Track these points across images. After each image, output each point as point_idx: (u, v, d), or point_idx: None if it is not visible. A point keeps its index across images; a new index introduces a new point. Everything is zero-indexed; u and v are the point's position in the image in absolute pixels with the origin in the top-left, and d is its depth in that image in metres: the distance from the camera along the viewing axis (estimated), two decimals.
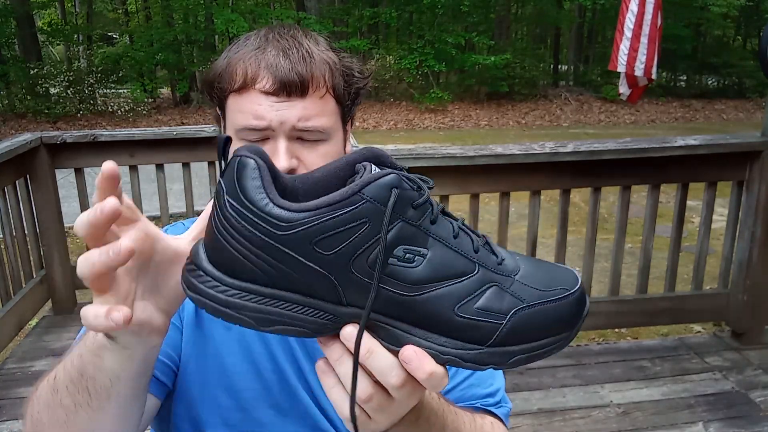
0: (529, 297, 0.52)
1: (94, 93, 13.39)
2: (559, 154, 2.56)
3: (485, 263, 0.53)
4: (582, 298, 0.55)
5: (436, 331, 0.51)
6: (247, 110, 0.76)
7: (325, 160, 0.76)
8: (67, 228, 3.32)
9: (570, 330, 0.55)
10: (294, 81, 0.74)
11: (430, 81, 14.85)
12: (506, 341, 0.52)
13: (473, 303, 0.51)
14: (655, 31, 4.22)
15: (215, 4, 13.99)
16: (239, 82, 0.76)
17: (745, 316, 2.87)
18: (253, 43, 0.78)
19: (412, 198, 0.50)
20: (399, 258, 0.49)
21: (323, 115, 0.77)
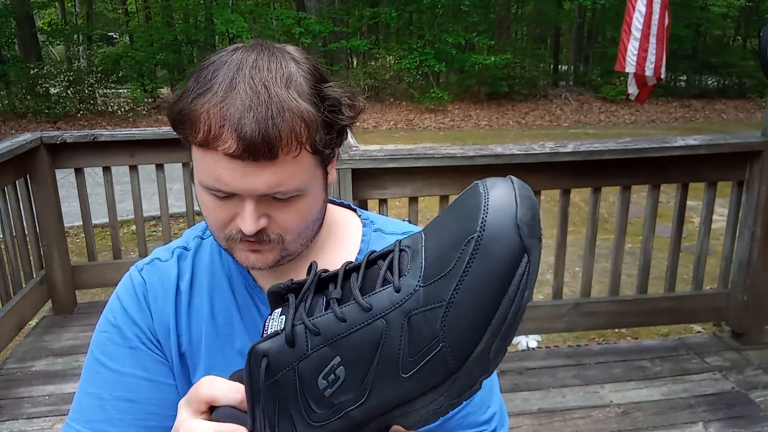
0: (443, 294, 0.45)
1: (94, 93, 13.39)
2: (559, 154, 2.56)
3: (385, 309, 0.47)
4: (496, 213, 0.44)
5: (412, 400, 0.48)
6: (210, 171, 0.67)
7: (300, 216, 0.72)
8: (67, 228, 3.33)
9: (523, 253, 0.44)
10: (260, 145, 0.63)
11: (430, 81, 14.85)
12: (464, 352, 0.46)
13: (406, 356, 0.46)
14: (662, 31, 4.22)
15: (215, 4, 13.99)
16: (201, 137, 0.65)
17: (745, 316, 2.87)
18: (221, 84, 0.66)
19: (282, 343, 0.49)
20: (327, 386, 0.48)
21: (297, 176, 0.68)
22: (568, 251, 2.90)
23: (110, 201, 3.28)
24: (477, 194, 0.46)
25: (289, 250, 0.75)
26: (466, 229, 0.45)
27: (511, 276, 0.44)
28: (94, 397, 0.77)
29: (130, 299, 0.81)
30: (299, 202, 0.71)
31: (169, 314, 0.81)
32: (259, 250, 0.73)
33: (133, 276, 0.84)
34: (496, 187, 0.46)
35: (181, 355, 0.81)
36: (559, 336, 3.54)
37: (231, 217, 0.70)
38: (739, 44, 19.09)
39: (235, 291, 0.83)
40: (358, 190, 2.41)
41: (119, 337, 0.79)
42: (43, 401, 2.50)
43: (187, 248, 0.86)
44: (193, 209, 3.44)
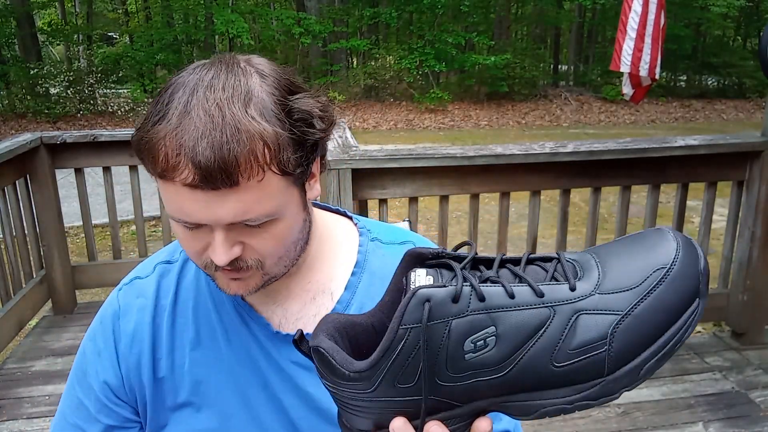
0: (622, 304, 0.49)
1: (94, 93, 13.39)
2: (559, 154, 2.56)
3: (557, 300, 0.51)
4: (686, 259, 0.50)
5: (552, 387, 0.51)
6: (173, 202, 0.64)
7: (277, 241, 0.68)
8: (67, 228, 3.33)
9: (696, 297, 0.50)
10: (218, 172, 0.59)
11: (430, 81, 14.85)
12: (622, 361, 0.50)
13: (566, 346, 0.50)
14: (658, 31, 4.22)
15: (215, 4, 13.99)
16: (159, 169, 0.62)
17: (745, 316, 2.87)
18: (175, 109, 0.62)
19: (448, 295, 0.50)
20: (472, 350, 0.50)
21: (265, 201, 0.64)
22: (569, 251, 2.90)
23: (110, 201, 3.28)
24: (666, 237, 0.53)
25: (272, 273, 0.71)
26: (657, 260, 0.51)
27: (683, 311, 0.50)
28: (62, 413, 0.82)
29: (102, 329, 0.81)
30: (274, 226, 0.67)
31: (144, 339, 0.79)
32: (239, 277, 0.69)
33: (111, 301, 0.83)
34: (685, 239, 0.53)
35: (160, 379, 0.79)
36: None
37: (204, 246, 0.67)
38: (739, 44, 19.09)
39: (221, 312, 0.79)
40: (358, 190, 2.41)
41: (85, 367, 0.81)
42: (43, 401, 2.50)
43: (171, 261, 0.82)
44: None
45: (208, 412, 0.78)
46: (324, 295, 0.79)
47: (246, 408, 0.77)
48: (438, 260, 0.55)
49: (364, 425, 0.56)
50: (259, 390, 0.77)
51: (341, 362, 0.53)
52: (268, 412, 0.77)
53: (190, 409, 0.78)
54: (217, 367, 0.78)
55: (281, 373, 0.77)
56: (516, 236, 4.84)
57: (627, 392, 0.52)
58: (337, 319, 0.58)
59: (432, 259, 0.56)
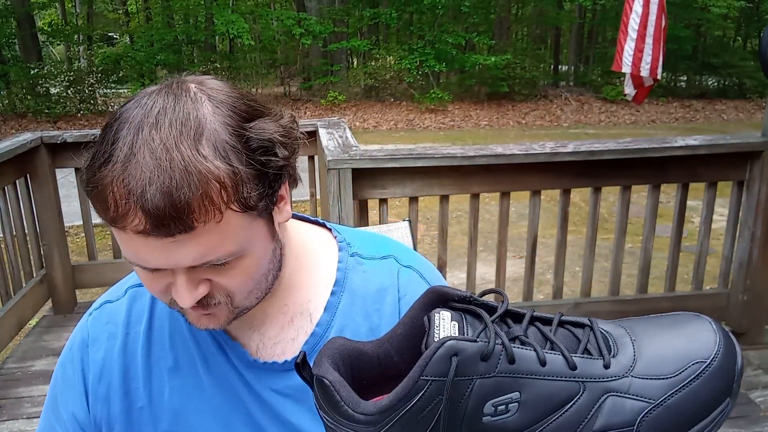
0: (655, 393, 0.48)
1: (94, 93, 13.39)
2: (559, 154, 2.56)
3: (589, 376, 0.48)
4: (725, 357, 0.49)
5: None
6: (129, 249, 0.60)
7: (245, 277, 0.64)
8: (67, 228, 3.32)
9: (728, 396, 0.49)
10: (170, 219, 0.55)
11: (430, 81, 14.85)
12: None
13: (590, 427, 0.48)
14: (659, 32, 4.22)
15: (215, 4, 14.00)
16: (109, 217, 0.58)
17: (745, 316, 2.87)
18: (121, 150, 0.56)
19: (478, 352, 0.47)
20: (491, 414, 0.48)
21: (227, 241, 0.59)
22: (568, 251, 2.90)
23: None
24: (708, 327, 0.51)
25: (242, 306, 0.68)
26: (697, 353, 0.49)
27: (713, 409, 0.48)
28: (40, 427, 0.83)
29: (71, 367, 0.79)
30: (240, 263, 0.63)
31: (114, 369, 0.76)
32: (208, 313, 0.66)
33: (81, 328, 0.80)
34: (725, 333, 0.51)
35: (139, 409, 0.75)
36: None
37: (166, 286, 0.63)
38: (739, 45, 19.09)
39: (198, 338, 0.76)
40: (358, 190, 2.41)
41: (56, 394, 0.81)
42: (43, 401, 2.48)
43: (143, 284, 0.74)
44: None
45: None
46: (302, 317, 0.75)
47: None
48: (464, 304, 0.52)
49: None
50: (241, 418, 0.74)
51: (347, 400, 0.50)
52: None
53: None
54: (198, 395, 0.75)
55: (261, 402, 0.74)
56: (516, 236, 4.84)
57: None
58: (344, 345, 0.55)
59: (457, 302, 0.52)
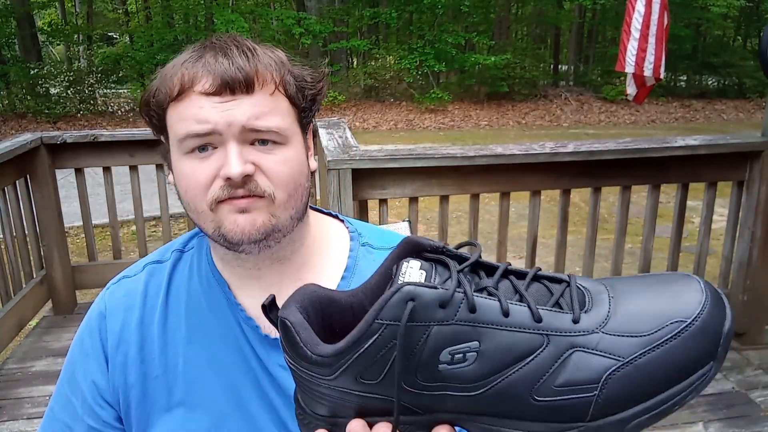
0: (625, 351, 0.45)
1: (94, 93, 13.39)
2: (559, 154, 2.56)
3: (556, 329, 0.46)
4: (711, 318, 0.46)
5: (524, 419, 0.47)
6: (188, 116, 0.67)
7: (287, 167, 0.70)
8: (67, 228, 3.33)
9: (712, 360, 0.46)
10: (237, 76, 0.66)
11: (430, 81, 14.85)
12: (609, 410, 0.46)
13: (551, 381, 0.46)
14: (662, 31, 4.23)
15: (215, 4, 13.99)
16: (176, 88, 0.67)
17: (745, 316, 2.87)
18: (189, 53, 0.70)
19: (436, 299, 0.46)
20: (448, 362, 0.47)
21: (276, 113, 0.69)
22: (568, 251, 2.90)
23: (110, 201, 3.28)
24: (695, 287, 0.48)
25: (278, 217, 0.71)
26: (677, 311, 0.46)
27: (692, 372, 0.46)
28: (52, 409, 0.84)
29: (89, 338, 0.82)
30: (282, 150, 0.70)
31: (132, 339, 0.79)
32: (247, 209, 0.69)
33: (98, 301, 0.83)
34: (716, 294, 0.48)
35: (154, 378, 0.78)
36: None
37: (213, 173, 0.68)
38: (739, 44, 19.09)
39: (214, 311, 0.79)
40: (358, 190, 2.41)
41: (73, 367, 0.83)
42: (43, 401, 2.50)
43: (161, 261, 0.82)
44: None
45: (202, 411, 0.77)
46: None
47: (239, 407, 0.77)
48: (437, 255, 0.51)
49: (319, 410, 0.53)
50: (252, 389, 0.77)
51: (306, 341, 0.50)
52: (260, 411, 0.77)
53: (183, 409, 0.77)
54: (211, 366, 0.77)
55: (269, 375, 0.77)
56: (516, 236, 4.84)
57: None
58: (316, 291, 0.55)
59: (430, 252, 0.51)
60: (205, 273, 0.80)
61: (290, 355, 0.52)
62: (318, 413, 0.53)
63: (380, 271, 0.56)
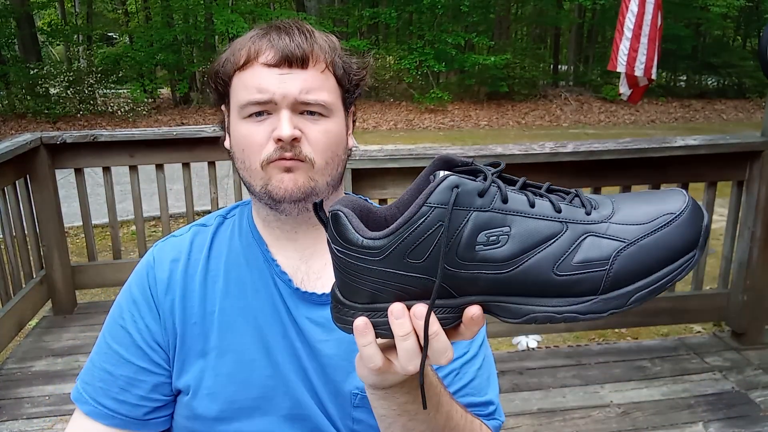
0: (629, 235, 0.54)
1: (94, 93, 13.39)
2: (559, 154, 2.56)
3: (572, 219, 0.55)
4: (693, 213, 0.55)
5: (546, 295, 0.55)
6: (251, 84, 0.79)
7: (328, 137, 0.81)
8: (67, 228, 3.33)
9: (694, 248, 0.55)
10: (295, 53, 0.78)
11: (430, 81, 14.85)
12: (618, 284, 0.54)
13: (570, 259, 0.54)
14: (655, 32, 4.22)
15: (215, 4, 13.99)
16: (243, 58, 0.79)
17: (745, 316, 2.87)
18: (255, 31, 0.82)
19: (476, 188, 0.54)
20: (484, 243, 0.54)
21: (324, 89, 0.80)
22: None
23: (110, 201, 3.28)
24: (679, 193, 0.58)
25: (316, 180, 0.81)
26: (667, 208, 0.56)
27: (681, 255, 0.55)
28: (91, 362, 0.88)
29: (137, 279, 0.89)
30: (325, 122, 0.81)
31: (177, 287, 0.86)
32: (291, 168, 0.79)
33: (147, 255, 0.91)
34: (695, 201, 0.58)
35: (193, 324, 0.85)
36: (559, 336, 3.54)
37: (268, 135, 0.79)
38: (738, 44, 19.10)
39: (250, 265, 0.87)
40: (358, 190, 2.41)
41: (118, 315, 0.87)
42: (43, 401, 2.50)
43: (205, 225, 0.92)
44: (192, 209, 3.44)
45: (231, 355, 0.84)
46: None
47: (266, 353, 0.84)
48: (467, 168, 0.58)
49: (360, 298, 0.58)
50: (279, 337, 0.85)
51: (357, 227, 0.56)
52: (285, 357, 0.84)
53: (215, 353, 0.85)
54: (243, 316, 0.85)
55: (297, 327, 0.85)
56: None
57: (625, 392, 0.52)
58: (355, 201, 0.60)
59: (461, 167, 0.59)
60: (245, 233, 0.89)
61: (341, 242, 0.56)
62: (358, 302, 0.58)
63: (413, 188, 0.61)
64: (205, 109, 14.05)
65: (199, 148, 3.23)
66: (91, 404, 0.84)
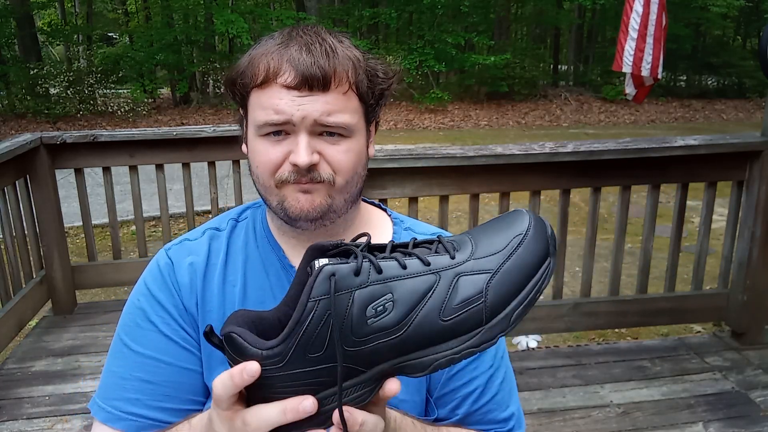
0: (492, 265, 0.60)
1: (94, 93, 13.39)
2: (559, 154, 2.56)
3: (441, 266, 0.60)
4: (537, 228, 0.61)
5: (441, 341, 0.59)
6: (269, 105, 0.75)
7: (348, 157, 0.78)
8: (67, 228, 3.32)
9: (548, 256, 0.61)
10: (316, 75, 0.73)
11: (430, 81, 14.85)
12: (496, 310, 0.59)
13: (451, 303, 0.58)
14: (660, 31, 4.23)
15: (215, 4, 13.99)
16: (261, 76, 0.75)
17: (745, 316, 2.87)
18: (277, 40, 0.77)
19: (351, 269, 0.58)
20: (373, 315, 0.57)
21: (346, 112, 0.76)
22: (568, 251, 2.90)
23: (110, 201, 3.28)
24: (522, 214, 0.64)
25: (335, 199, 0.80)
26: (515, 231, 0.62)
27: (539, 267, 0.61)
28: (117, 376, 0.82)
29: (155, 281, 0.85)
30: (346, 142, 0.78)
31: (197, 292, 0.85)
32: (309, 191, 0.78)
33: (159, 258, 0.88)
34: (536, 215, 0.64)
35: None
36: (559, 336, 3.54)
37: (284, 156, 0.77)
38: (738, 44, 19.10)
39: (269, 272, 0.86)
40: None
41: (143, 320, 0.83)
42: (43, 401, 2.50)
43: (219, 229, 0.90)
44: (192, 209, 3.44)
45: None
46: None
47: None
48: (338, 250, 0.62)
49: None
50: None
51: (253, 342, 0.58)
52: None
53: None
54: None
55: None
56: None
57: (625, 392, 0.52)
58: (246, 314, 0.62)
59: (332, 250, 0.62)
60: (261, 238, 0.88)
61: (241, 361, 0.58)
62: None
63: (295, 282, 0.63)
64: (205, 109, 14.06)
65: (199, 148, 3.23)
66: (129, 419, 0.80)
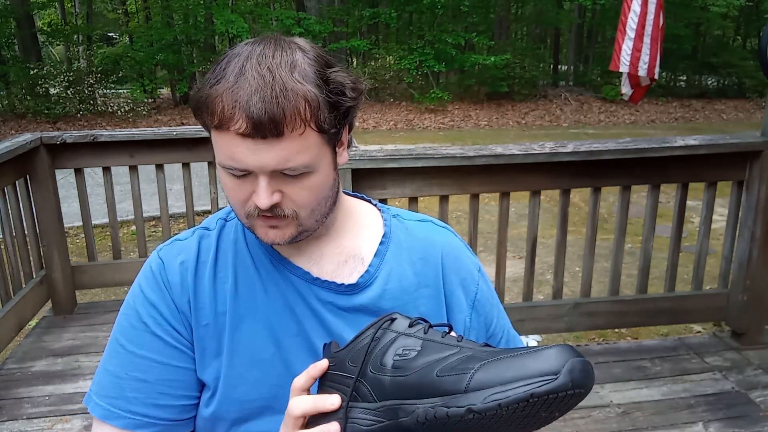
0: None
1: (94, 93, 13.39)
2: (559, 154, 2.56)
3: (467, 347, 0.70)
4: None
5: (429, 395, 0.68)
6: (226, 151, 0.74)
7: (311, 193, 0.78)
8: (67, 228, 3.33)
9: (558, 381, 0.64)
10: (267, 123, 0.70)
11: (430, 81, 14.85)
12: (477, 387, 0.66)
13: (449, 364, 0.68)
14: (657, 31, 4.22)
15: (215, 4, 13.98)
16: (216, 120, 0.73)
17: (745, 316, 2.87)
18: (232, 72, 0.73)
19: (408, 322, 0.73)
20: (399, 355, 0.70)
21: (304, 152, 0.74)
22: (568, 251, 2.90)
23: (110, 201, 3.28)
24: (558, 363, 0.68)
25: (305, 225, 0.81)
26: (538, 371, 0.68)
27: (539, 377, 0.67)
28: (113, 375, 0.85)
29: (148, 283, 0.87)
30: (309, 179, 0.77)
31: (189, 291, 0.86)
32: (276, 225, 0.79)
33: (151, 260, 0.90)
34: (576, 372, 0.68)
35: (205, 326, 0.85)
36: (559, 336, 3.54)
37: (248, 194, 0.77)
38: (738, 44, 19.10)
39: (258, 267, 0.87)
40: (358, 190, 2.41)
41: (137, 321, 0.85)
42: (43, 401, 2.51)
43: (209, 229, 0.91)
44: (192, 209, 3.44)
45: (243, 356, 0.85)
46: (355, 259, 0.89)
47: (278, 352, 0.85)
48: (416, 319, 0.74)
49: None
50: (291, 336, 0.85)
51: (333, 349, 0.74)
52: (299, 356, 0.85)
53: (227, 354, 0.85)
54: (253, 316, 0.85)
55: (313, 313, 0.86)
56: (516, 236, 4.84)
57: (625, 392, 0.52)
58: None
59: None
60: (250, 235, 0.89)
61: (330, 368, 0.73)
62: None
63: None
64: None
65: (199, 148, 3.23)
66: (127, 417, 0.83)
